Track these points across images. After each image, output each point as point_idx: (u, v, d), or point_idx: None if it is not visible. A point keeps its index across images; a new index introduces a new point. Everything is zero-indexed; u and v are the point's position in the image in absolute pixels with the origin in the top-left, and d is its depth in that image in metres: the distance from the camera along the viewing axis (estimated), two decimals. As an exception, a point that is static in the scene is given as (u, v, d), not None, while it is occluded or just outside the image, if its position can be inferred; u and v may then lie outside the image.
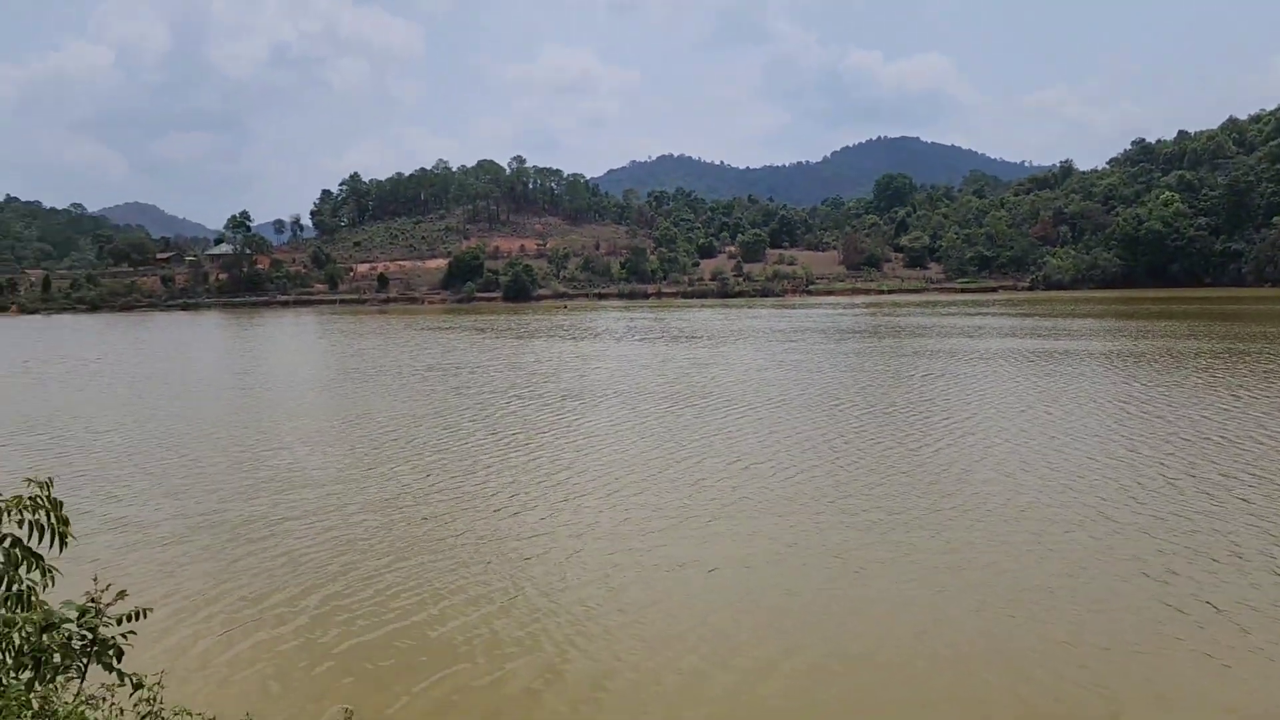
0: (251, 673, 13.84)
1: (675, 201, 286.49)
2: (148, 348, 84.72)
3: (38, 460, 29.51)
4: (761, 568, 18.07)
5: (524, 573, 17.95)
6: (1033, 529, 20.05)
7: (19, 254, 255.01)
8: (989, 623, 15.14)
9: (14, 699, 5.15)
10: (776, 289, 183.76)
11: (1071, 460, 26.74)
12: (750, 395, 41.70)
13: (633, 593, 16.77)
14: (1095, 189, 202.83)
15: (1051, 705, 12.47)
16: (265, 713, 12.28)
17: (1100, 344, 63.64)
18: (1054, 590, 16.42)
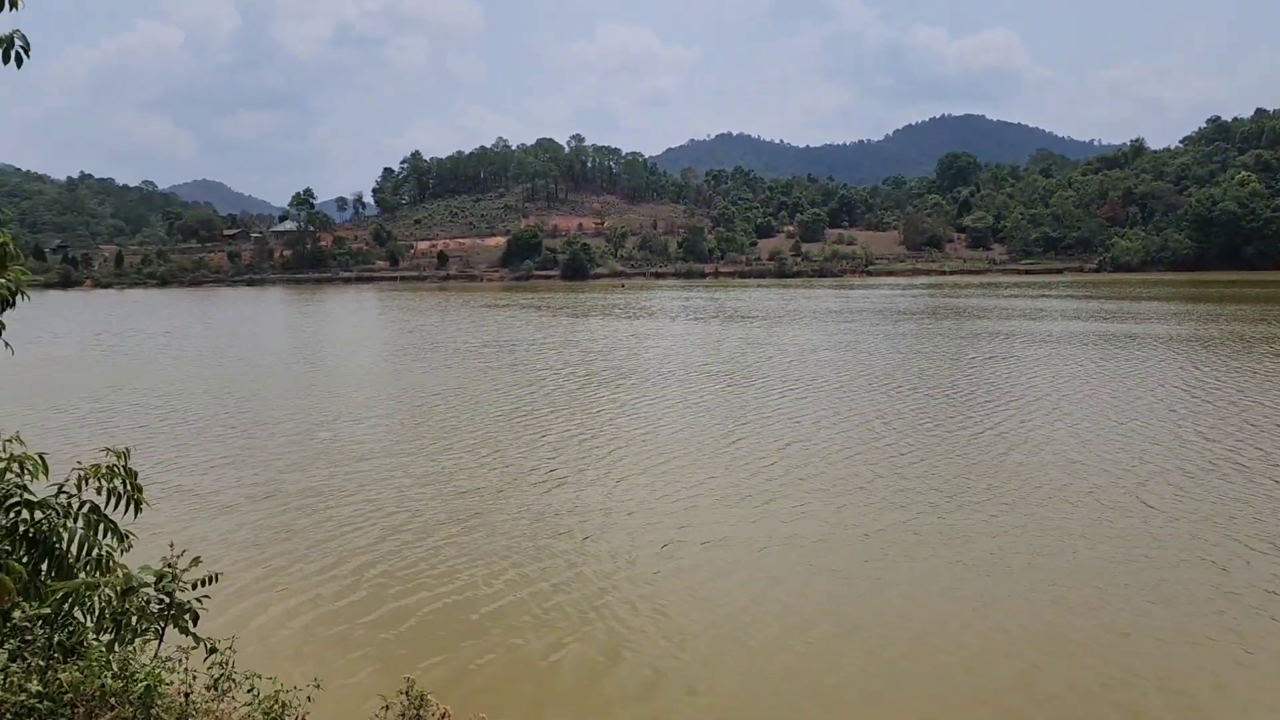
0: (311, 639, 14.47)
1: (733, 180, 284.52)
2: (214, 322, 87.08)
3: (106, 430, 30.79)
4: (812, 548, 18.27)
5: (574, 549, 18.40)
6: (1088, 514, 20.01)
7: (93, 230, 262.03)
8: (1039, 608, 15.21)
9: (96, 660, 5.66)
10: (835, 269, 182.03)
11: (1131, 445, 26.50)
12: (804, 376, 41.78)
13: (683, 573, 17.07)
14: (1167, 168, 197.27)
15: (1101, 691, 12.50)
16: (327, 679, 12.89)
17: (1167, 328, 62.33)
18: (1108, 577, 16.43)
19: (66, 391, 39.89)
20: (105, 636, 6.35)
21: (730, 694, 12.67)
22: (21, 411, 32.82)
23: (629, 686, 12.88)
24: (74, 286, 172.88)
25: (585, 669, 13.37)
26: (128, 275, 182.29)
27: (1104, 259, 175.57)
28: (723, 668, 13.36)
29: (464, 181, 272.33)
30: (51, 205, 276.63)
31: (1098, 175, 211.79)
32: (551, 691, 12.80)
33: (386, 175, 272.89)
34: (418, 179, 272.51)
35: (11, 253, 5.11)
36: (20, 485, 6.22)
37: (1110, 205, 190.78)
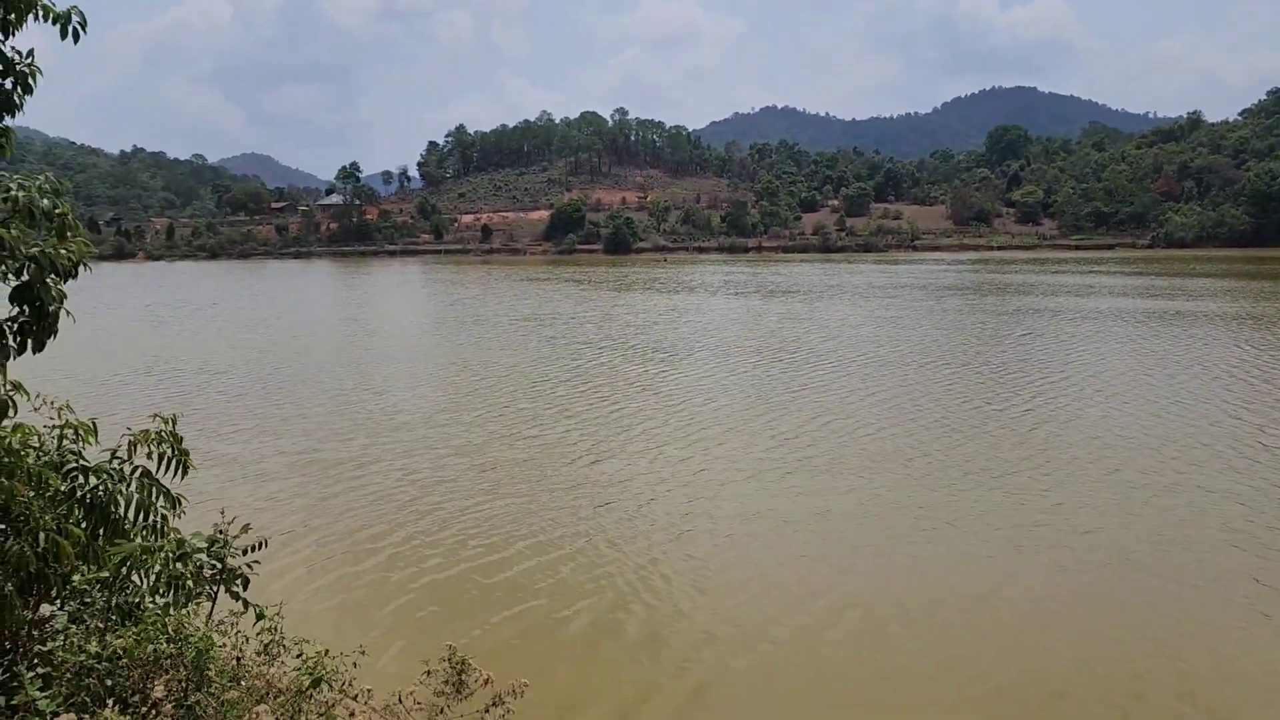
0: (348, 604, 14.75)
1: (778, 154, 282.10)
2: (261, 294, 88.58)
3: (154, 399, 31.52)
4: (833, 523, 18.32)
5: (600, 520, 18.60)
6: (1120, 493, 19.79)
7: (145, 203, 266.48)
8: (1060, 589, 15.06)
9: (151, 625, 5.83)
10: (880, 244, 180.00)
11: (1169, 425, 26.11)
12: (841, 351, 41.63)
13: (703, 543, 17.20)
14: (1225, 142, 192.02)
15: (1113, 675, 12.40)
16: (365, 644, 13.15)
17: (1217, 305, 61.01)
18: (1134, 559, 16.25)
19: (117, 361, 40.80)
20: (161, 599, 6.54)
21: (735, 666, 12.73)
22: (74, 380, 33.58)
23: (629, 655, 12.98)
24: (127, 259, 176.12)
25: (591, 638, 13.55)
26: (178, 248, 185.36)
27: (1157, 234, 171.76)
28: (730, 641, 13.41)
29: (508, 155, 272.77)
30: (105, 178, 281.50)
31: (1152, 149, 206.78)
32: (589, 663, 12.94)
33: (431, 149, 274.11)
34: (462, 152, 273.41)
35: (71, 223, 5.22)
36: (75, 451, 6.40)
37: (1165, 179, 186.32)
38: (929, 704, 11.71)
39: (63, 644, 5.82)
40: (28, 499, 5.76)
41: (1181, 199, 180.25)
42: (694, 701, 11.80)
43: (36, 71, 5.64)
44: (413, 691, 5.79)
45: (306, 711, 5.52)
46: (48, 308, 5.24)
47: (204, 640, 5.68)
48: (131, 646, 5.55)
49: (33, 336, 5.34)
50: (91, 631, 5.92)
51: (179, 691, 5.61)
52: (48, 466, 5.97)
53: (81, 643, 5.71)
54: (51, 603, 6.52)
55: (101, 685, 5.53)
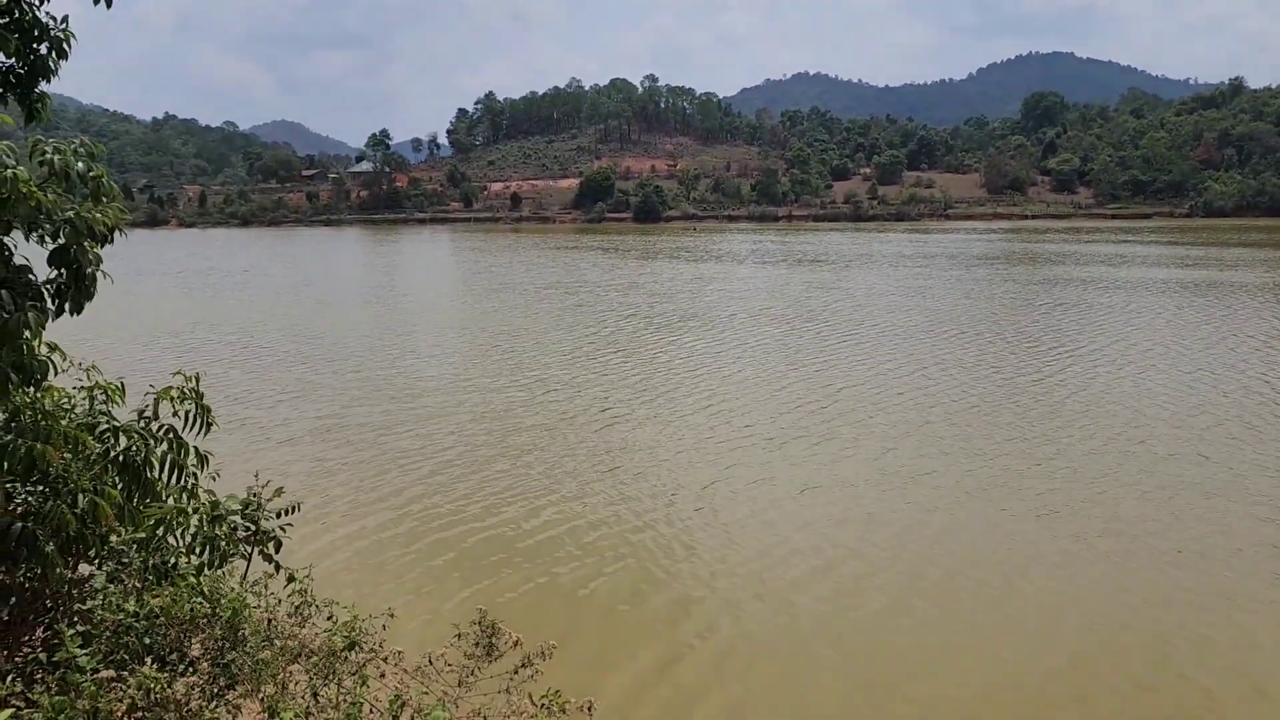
0: (375, 567, 14.93)
1: (809, 121, 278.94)
2: (291, 261, 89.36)
3: (182, 361, 31.76)
4: (851, 491, 18.37)
5: (624, 487, 18.72)
6: (1143, 465, 19.68)
7: (177, 170, 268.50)
8: (1082, 562, 14.97)
9: (186, 586, 5.93)
10: (912, 213, 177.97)
11: (1195, 396, 25.95)
12: (866, 320, 41.55)
13: (720, 512, 17.27)
14: (1268, 109, 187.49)
15: (1135, 647, 12.37)
16: (397, 607, 13.34)
17: (1254, 276, 60.01)
18: (1160, 532, 16.12)
19: (147, 327, 41.40)
20: (196, 560, 6.65)
21: (749, 633, 12.79)
22: (103, 345, 33.97)
23: (648, 625, 13.05)
24: (160, 226, 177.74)
25: (609, 603, 13.65)
26: (210, 215, 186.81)
27: (1195, 203, 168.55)
28: (745, 606, 13.49)
29: (537, 122, 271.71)
30: (138, 145, 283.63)
31: (1192, 116, 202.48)
32: (612, 626, 13.05)
33: (461, 116, 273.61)
34: (492, 120, 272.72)
35: (106, 187, 5.26)
36: (105, 412, 6.50)
37: (1205, 147, 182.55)
38: (948, 676, 11.68)
39: (102, 603, 5.93)
40: (65, 461, 5.86)
41: (1221, 167, 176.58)
42: (715, 669, 11.86)
43: (71, 36, 5.67)
44: (443, 653, 5.85)
45: (340, 672, 5.60)
46: (84, 270, 5.30)
47: (239, 600, 5.77)
48: (169, 605, 5.65)
49: (70, 299, 5.40)
50: (129, 591, 6.03)
51: (214, 650, 5.71)
52: (81, 428, 6.06)
53: (120, 602, 5.81)
54: (90, 563, 6.65)
55: (140, 643, 5.64)
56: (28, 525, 6.00)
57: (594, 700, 5.56)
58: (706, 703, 11.05)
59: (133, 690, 5.02)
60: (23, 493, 6.13)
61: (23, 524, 6.01)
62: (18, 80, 5.67)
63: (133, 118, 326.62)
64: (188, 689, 5.56)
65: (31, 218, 4.96)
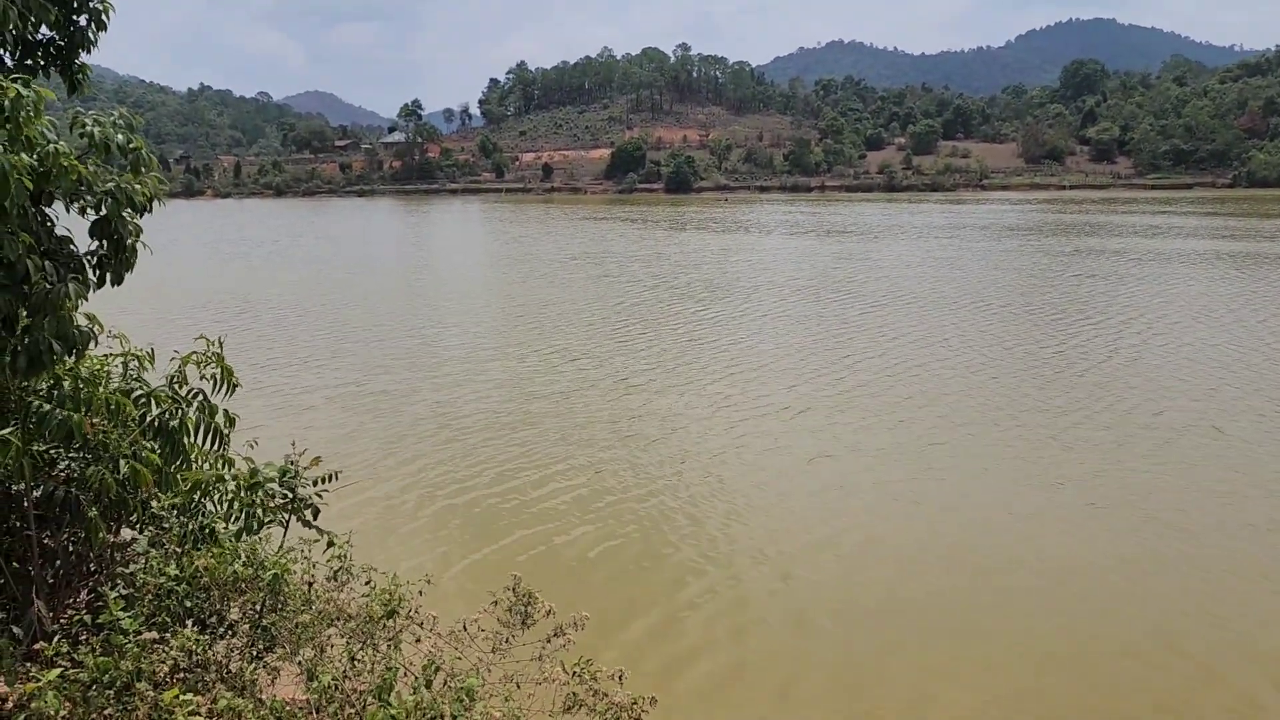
0: (406, 532, 15.08)
1: (843, 90, 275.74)
2: (323, 231, 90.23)
3: (209, 330, 32.18)
4: (863, 461, 18.39)
5: (642, 454, 18.86)
6: (1161, 436, 19.54)
7: (213, 141, 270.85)
8: (1094, 539, 14.79)
9: (228, 549, 6.05)
10: (947, 183, 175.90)
11: (1222, 369, 25.58)
12: (890, 292, 41.42)
13: (730, 481, 17.34)
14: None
15: (1144, 625, 12.20)
16: (429, 572, 13.52)
17: None
18: (1175, 506, 15.91)
19: (181, 295, 42.08)
20: (234, 526, 6.78)
21: (746, 601, 12.84)
22: (140, 314, 34.46)
23: (652, 599, 13.01)
24: (196, 196, 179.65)
25: (624, 571, 13.73)
26: (245, 185, 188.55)
27: (1239, 174, 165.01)
28: (749, 577, 13.50)
29: (568, 92, 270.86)
30: (174, 116, 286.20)
31: (1237, 84, 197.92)
32: (632, 588, 13.07)
33: (492, 86, 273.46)
34: (523, 90, 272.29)
35: (145, 158, 5.33)
36: (137, 379, 6.62)
37: (1250, 116, 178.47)
38: (953, 647, 11.62)
39: (144, 566, 6.06)
40: (102, 427, 5.97)
41: (1267, 136, 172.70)
42: (709, 636, 11.92)
43: (110, 8, 5.73)
44: (477, 619, 5.93)
45: (377, 637, 5.70)
46: (125, 241, 5.37)
47: (282, 565, 5.87)
48: (213, 567, 5.77)
49: (111, 270, 5.48)
50: (170, 555, 6.15)
51: (254, 614, 5.82)
52: (120, 394, 6.17)
53: (161, 566, 5.94)
54: (131, 527, 6.79)
55: (181, 606, 5.76)
56: (71, 490, 6.13)
57: (625, 671, 5.61)
58: (696, 669, 11.11)
59: (175, 652, 5.14)
60: (65, 459, 6.26)
61: (66, 489, 6.15)
62: (58, 52, 5.74)
63: (169, 89, 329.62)
64: (228, 651, 5.69)
65: (73, 190, 5.04)
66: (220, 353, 6.82)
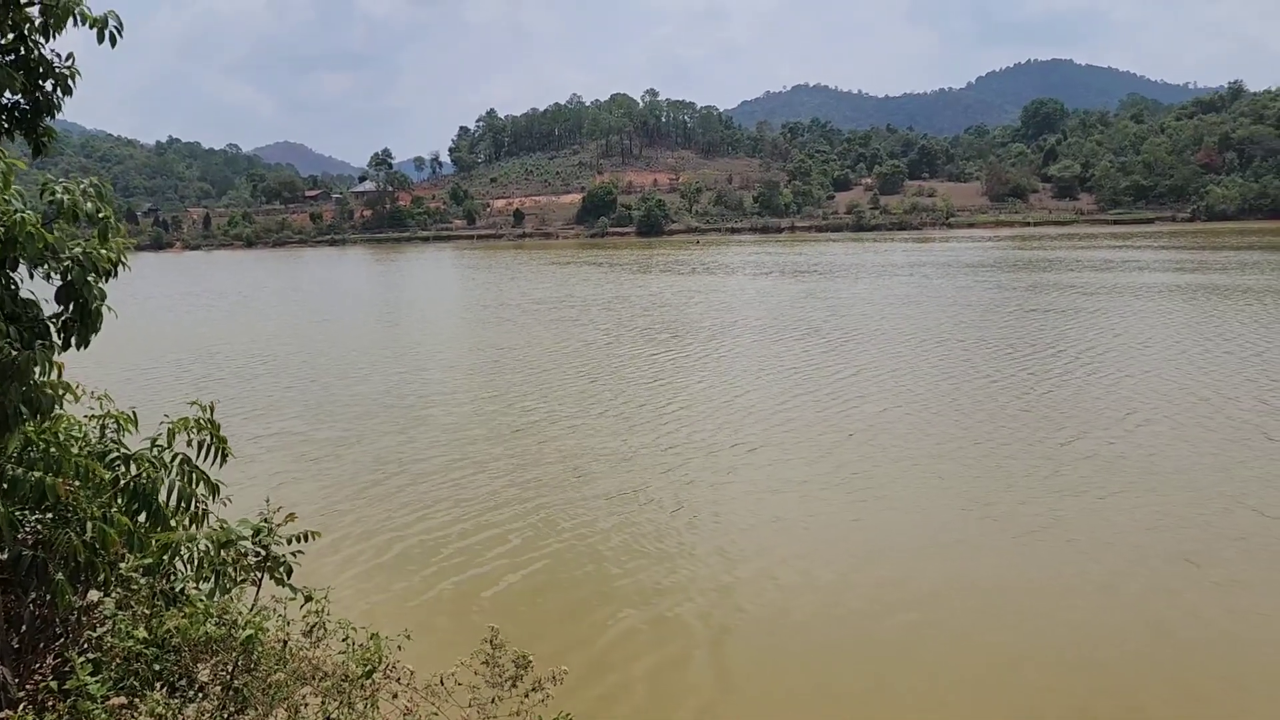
0: (381, 587, 14.95)
1: (810, 132, 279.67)
2: (291, 281, 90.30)
3: (177, 384, 32.39)
4: (810, 494, 18.81)
5: (587, 492, 19.19)
6: (1095, 465, 20.00)
7: (182, 193, 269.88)
8: (1028, 558, 15.29)
9: (199, 609, 5.92)
10: (914, 222, 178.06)
11: (1168, 399, 26.10)
12: (847, 330, 42.07)
13: (679, 517, 17.70)
14: (1268, 111, 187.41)
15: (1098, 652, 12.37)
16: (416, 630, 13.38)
17: (1249, 279, 59.80)
18: (1082, 533, 16.25)
19: (149, 350, 41.63)
20: (205, 585, 6.68)
21: (691, 628, 13.21)
22: (107, 370, 34.14)
23: (654, 638, 13.11)
24: (165, 249, 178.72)
25: (585, 605, 13.69)
26: (215, 237, 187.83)
27: (1198, 208, 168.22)
28: (690, 609, 13.82)
29: (539, 139, 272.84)
30: (142, 169, 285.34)
31: (1192, 120, 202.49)
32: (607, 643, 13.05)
33: (462, 134, 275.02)
34: (493, 137, 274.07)
35: (113, 225, 5.36)
36: (116, 440, 6.56)
37: (1206, 151, 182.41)
38: (886, 672, 11.98)
39: (111, 629, 5.97)
40: (74, 489, 5.91)
41: (1223, 171, 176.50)
42: (720, 682, 11.97)
43: (75, 73, 5.77)
44: (454, 673, 5.88)
45: (353, 695, 5.63)
46: (90, 306, 5.37)
47: (255, 624, 5.79)
48: (184, 628, 5.68)
49: (77, 334, 5.48)
50: (138, 618, 6.06)
51: (226, 675, 5.74)
52: (92, 457, 6.12)
53: (129, 628, 5.85)
54: (99, 589, 6.69)
55: (149, 669, 5.67)
56: (37, 554, 6.04)
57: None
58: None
59: (144, 717, 5.05)
60: (32, 521, 6.18)
61: (33, 553, 6.06)
62: (23, 116, 5.76)
63: (137, 142, 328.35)
64: (198, 714, 5.59)
65: (39, 256, 5.05)
66: (212, 419, 6.77)
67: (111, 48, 5.64)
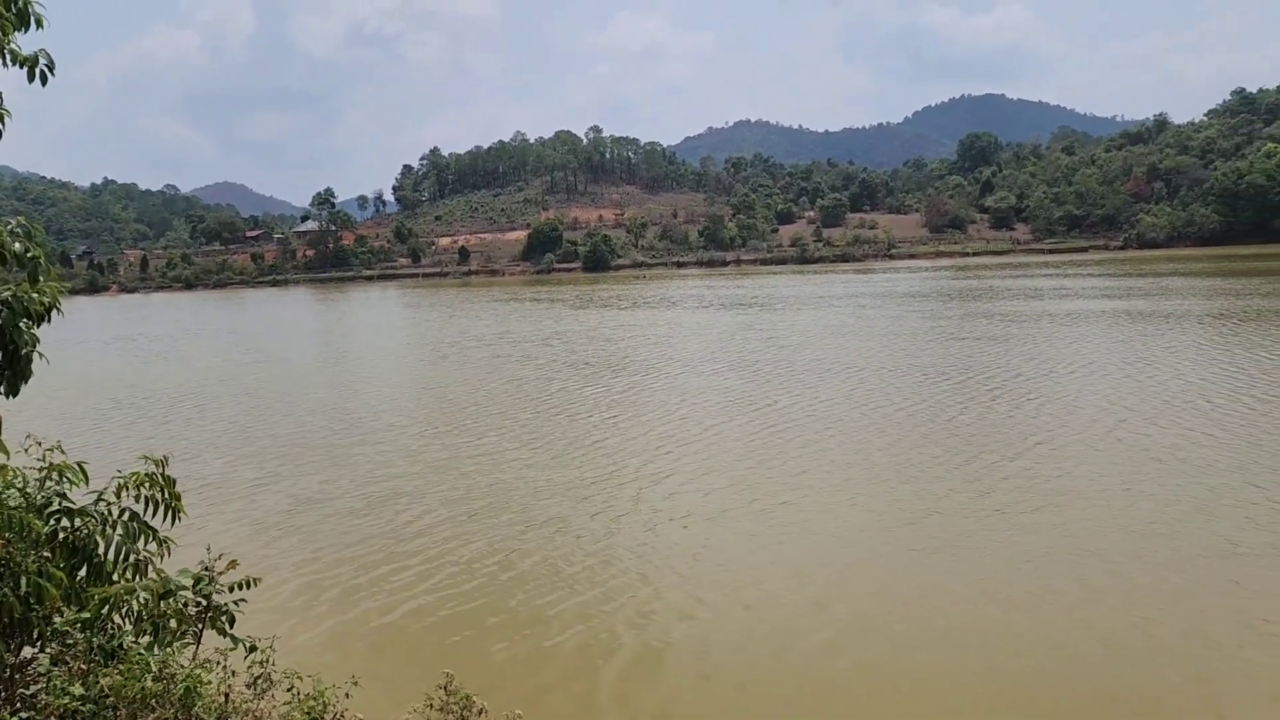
0: (331, 633, 14.68)
1: (753, 167, 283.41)
2: (232, 322, 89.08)
3: (124, 434, 31.55)
4: (731, 523, 19.07)
5: (506, 527, 19.31)
6: (1016, 490, 20.41)
7: (118, 235, 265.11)
8: (950, 575, 15.66)
9: (136, 663, 5.73)
10: (857, 254, 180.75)
11: (1092, 422, 26.65)
12: (782, 360, 42.58)
13: (626, 547, 17.85)
14: (1192, 143, 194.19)
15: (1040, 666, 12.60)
16: (363, 675, 13.14)
17: (1171, 304, 61.57)
18: (1038, 560, 16.48)
19: (84, 395, 40.72)
20: (144, 639, 6.46)
21: (620, 656, 13.36)
22: (48, 418, 33.30)
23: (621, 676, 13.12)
24: (100, 292, 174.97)
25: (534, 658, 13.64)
26: (153, 279, 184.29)
27: (1129, 236, 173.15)
28: (618, 644, 13.86)
29: (483, 176, 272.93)
30: (76, 212, 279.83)
31: (1121, 151, 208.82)
32: (573, 684, 12.97)
33: (406, 172, 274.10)
34: (437, 175, 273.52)
35: (44, 266, 5.20)
36: (60, 493, 6.34)
37: (1135, 181, 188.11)
38: (817, 691, 12.29)
39: (46, 686, 5.75)
40: (6, 541, 5.70)
41: (1152, 200, 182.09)
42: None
43: (6, 114, 5.63)
44: (407, 718, 5.75)
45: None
46: (20, 351, 5.21)
47: (192, 678, 5.61)
48: (119, 684, 5.49)
49: (6, 381, 5.30)
50: (74, 674, 5.84)
51: (165, 731, 5.54)
52: (29, 510, 5.92)
53: (65, 685, 5.64)
54: (34, 645, 6.44)
55: (87, 728, 5.46)
56: (-32, 611, 5.80)
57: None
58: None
59: (80, 778, 4.86)
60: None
61: (-37, 610, 5.81)
62: (-49, 158, 5.59)
63: (71, 184, 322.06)
64: (137, 773, 5.38)
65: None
66: (165, 474, 6.57)
67: (43, 86, 5.53)
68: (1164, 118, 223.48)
